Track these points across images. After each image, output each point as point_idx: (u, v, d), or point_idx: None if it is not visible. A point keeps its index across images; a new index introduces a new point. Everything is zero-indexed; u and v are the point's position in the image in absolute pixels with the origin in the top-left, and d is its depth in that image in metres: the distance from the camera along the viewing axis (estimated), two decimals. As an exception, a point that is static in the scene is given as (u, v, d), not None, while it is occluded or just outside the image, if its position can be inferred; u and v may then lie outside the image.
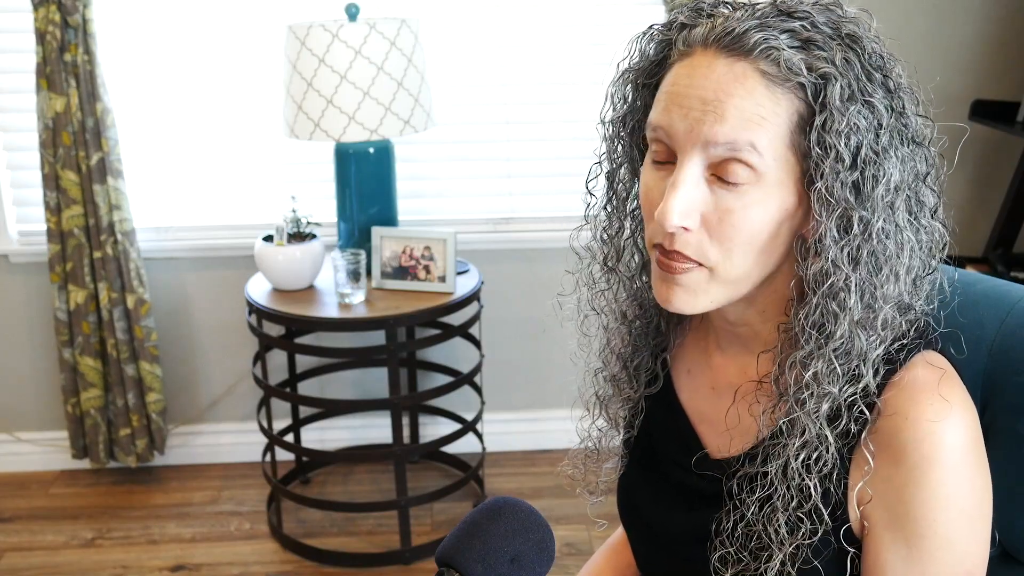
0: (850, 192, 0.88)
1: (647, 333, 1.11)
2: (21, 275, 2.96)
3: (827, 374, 0.91)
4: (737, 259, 0.91)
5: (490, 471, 2.97)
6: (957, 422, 0.90)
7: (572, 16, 2.83)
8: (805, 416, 0.92)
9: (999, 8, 2.85)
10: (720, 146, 0.88)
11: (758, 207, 0.89)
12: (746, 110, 0.87)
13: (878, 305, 0.91)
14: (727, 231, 0.90)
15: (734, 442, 1.02)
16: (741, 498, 0.97)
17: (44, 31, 2.60)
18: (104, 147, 2.70)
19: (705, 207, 0.90)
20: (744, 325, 1.00)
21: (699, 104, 0.88)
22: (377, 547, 2.67)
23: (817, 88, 0.87)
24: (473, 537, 0.87)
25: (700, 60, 0.90)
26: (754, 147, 0.87)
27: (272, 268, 2.55)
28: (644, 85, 0.98)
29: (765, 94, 0.87)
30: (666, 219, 0.89)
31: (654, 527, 1.10)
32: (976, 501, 0.91)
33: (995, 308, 1.04)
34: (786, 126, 0.88)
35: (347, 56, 2.36)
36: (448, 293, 2.54)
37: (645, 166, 0.96)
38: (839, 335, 0.90)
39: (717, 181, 0.89)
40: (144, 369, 2.88)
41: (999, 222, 2.83)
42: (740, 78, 0.87)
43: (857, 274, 0.89)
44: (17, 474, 3.06)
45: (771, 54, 0.87)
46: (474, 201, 2.99)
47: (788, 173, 0.89)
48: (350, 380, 3.05)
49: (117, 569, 2.61)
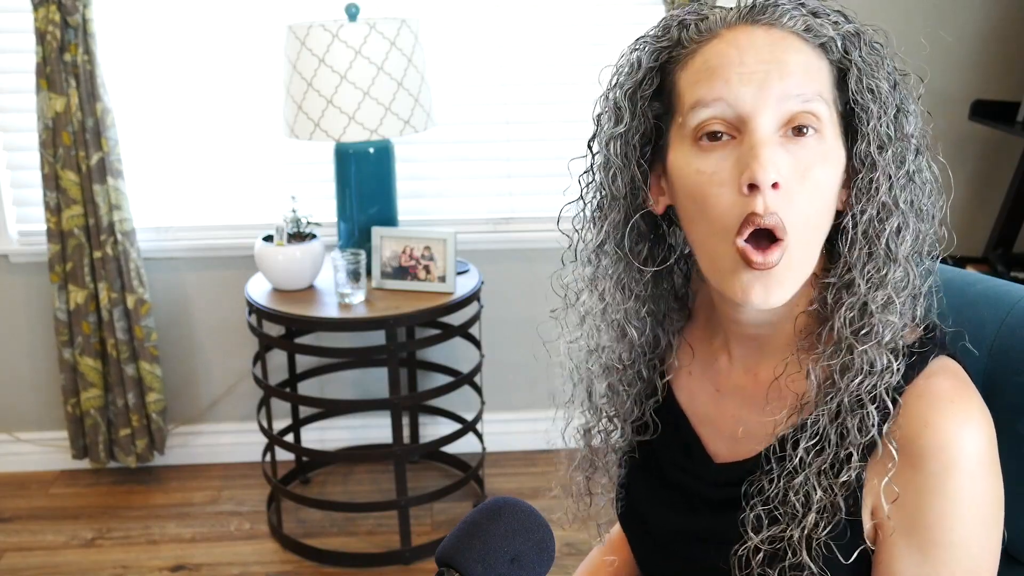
0: (898, 130, 0.92)
1: (645, 342, 1.09)
2: (21, 275, 2.96)
3: (888, 307, 0.92)
4: (811, 228, 0.91)
5: (490, 471, 2.97)
6: (976, 429, 0.90)
7: (572, 16, 2.83)
8: (872, 349, 0.91)
9: (999, 8, 2.85)
10: (793, 98, 0.89)
11: (827, 164, 0.91)
12: (805, 63, 0.90)
13: (919, 242, 0.94)
14: (808, 190, 0.90)
15: (740, 445, 1.01)
16: (773, 474, 0.95)
17: (44, 31, 2.60)
18: (104, 147, 2.70)
19: (786, 167, 0.89)
20: (771, 325, 0.99)
21: (760, 65, 0.89)
22: (377, 547, 2.67)
23: (843, 46, 0.92)
24: (473, 537, 0.87)
25: (735, 33, 0.92)
26: (821, 97, 0.90)
27: (272, 268, 2.55)
28: (642, 98, 0.97)
29: (809, 51, 0.91)
30: (764, 173, 0.87)
31: (654, 529, 1.10)
32: (992, 509, 0.91)
33: (995, 308, 1.04)
34: (829, 83, 0.92)
35: (347, 56, 2.36)
36: (448, 293, 2.54)
37: (686, 160, 0.93)
38: (896, 272, 0.92)
39: (789, 141, 0.90)
40: (144, 369, 2.88)
41: (999, 222, 2.83)
42: (784, 40, 0.91)
43: (908, 214, 0.92)
44: (17, 474, 3.06)
45: (797, 21, 0.91)
46: (474, 201, 2.98)
47: (837, 133, 0.93)
48: (350, 380, 3.05)
49: (117, 569, 2.61)
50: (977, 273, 1.12)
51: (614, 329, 1.07)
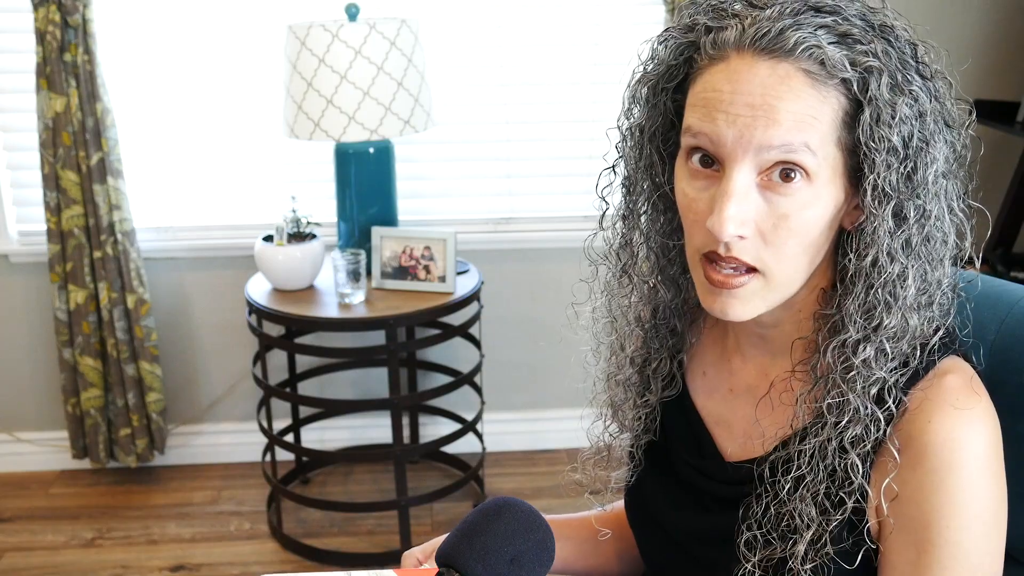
0: (904, 182, 0.88)
1: (663, 335, 1.09)
2: (21, 275, 2.96)
3: (877, 358, 0.90)
4: (791, 261, 0.90)
5: (490, 471, 2.97)
6: (980, 430, 0.89)
7: (572, 16, 2.83)
8: (855, 397, 0.90)
9: (999, 8, 2.85)
10: (774, 150, 0.86)
11: (812, 208, 0.88)
12: (797, 112, 0.85)
13: (931, 290, 0.91)
14: (782, 236, 0.88)
15: (752, 444, 1.01)
16: (775, 480, 0.95)
17: (44, 31, 2.60)
18: (104, 147, 2.69)
19: (758, 214, 0.88)
20: (775, 327, 0.99)
21: (747, 110, 0.86)
22: (377, 547, 2.67)
23: (861, 82, 0.86)
24: (473, 537, 0.87)
25: (738, 64, 0.87)
26: (808, 147, 0.86)
27: (272, 268, 2.55)
28: (664, 90, 0.96)
29: (812, 94, 0.86)
30: (723, 229, 0.87)
31: (664, 526, 1.10)
32: (992, 511, 0.90)
33: (995, 308, 1.04)
34: (833, 123, 0.87)
35: (347, 56, 2.36)
36: (448, 293, 2.54)
37: (681, 175, 0.94)
38: (891, 323, 0.90)
39: (769, 186, 0.88)
40: (144, 369, 2.88)
41: (999, 222, 2.83)
42: (786, 80, 0.85)
43: (911, 262, 0.89)
44: (17, 474, 3.06)
45: (813, 52, 0.85)
46: (474, 201, 2.98)
47: (835, 170, 0.89)
48: (350, 380, 3.05)
49: (117, 569, 2.61)
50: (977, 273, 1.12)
51: (642, 290, 1.07)
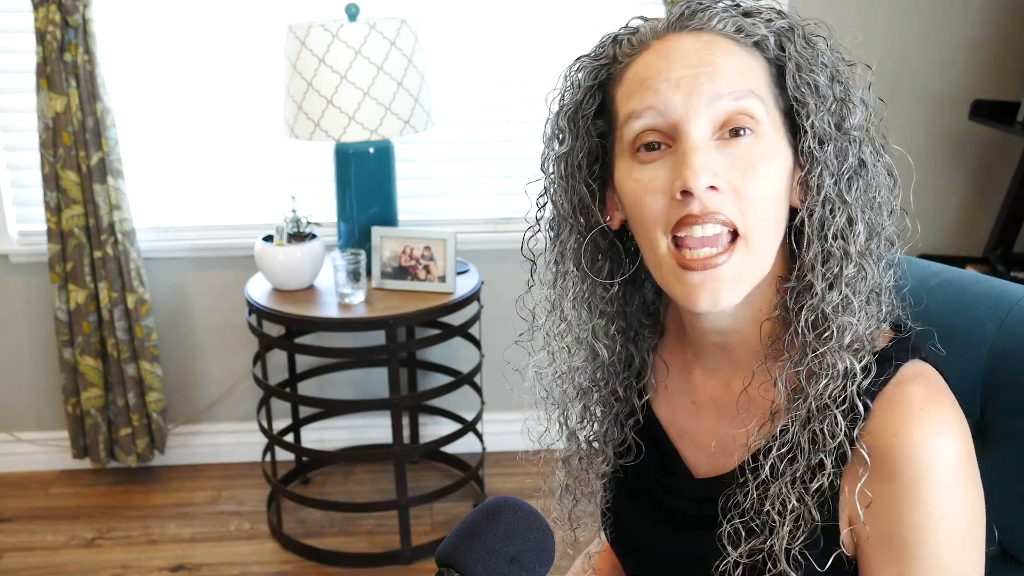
0: (836, 128, 0.91)
1: (616, 364, 1.08)
2: (21, 275, 2.96)
3: (844, 305, 0.91)
4: (765, 221, 0.90)
5: (490, 471, 2.96)
6: (949, 439, 0.88)
7: (572, 16, 2.83)
8: (831, 353, 0.90)
9: (999, 8, 2.85)
10: (725, 97, 0.88)
11: (771, 160, 0.90)
12: (733, 63, 0.90)
13: (875, 236, 0.93)
14: (752, 185, 0.89)
15: (719, 459, 1.00)
16: (747, 493, 0.94)
17: (44, 31, 2.60)
18: (104, 147, 2.70)
19: (724, 168, 0.88)
20: (735, 332, 0.98)
21: (688, 70, 0.89)
22: (377, 547, 2.67)
23: (777, 41, 0.91)
24: (473, 537, 0.86)
25: (664, 44, 0.92)
26: (754, 93, 0.89)
27: (272, 268, 2.55)
28: (584, 116, 0.98)
29: (740, 51, 0.91)
30: (696, 180, 0.86)
31: (643, 549, 1.08)
32: (968, 518, 0.89)
33: (995, 308, 1.04)
34: (766, 79, 0.91)
35: (347, 56, 2.36)
36: (448, 293, 2.54)
37: (627, 172, 0.94)
38: (849, 271, 0.91)
39: (725, 143, 0.89)
40: (144, 369, 2.88)
41: (999, 222, 2.83)
42: (712, 44, 0.90)
43: (858, 207, 0.91)
44: (17, 474, 3.06)
45: (727, 23, 0.91)
46: (474, 201, 2.98)
47: (778, 130, 0.92)
48: (350, 380, 3.05)
49: (117, 569, 2.61)
50: (977, 273, 1.12)
51: (584, 349, 1.06)
